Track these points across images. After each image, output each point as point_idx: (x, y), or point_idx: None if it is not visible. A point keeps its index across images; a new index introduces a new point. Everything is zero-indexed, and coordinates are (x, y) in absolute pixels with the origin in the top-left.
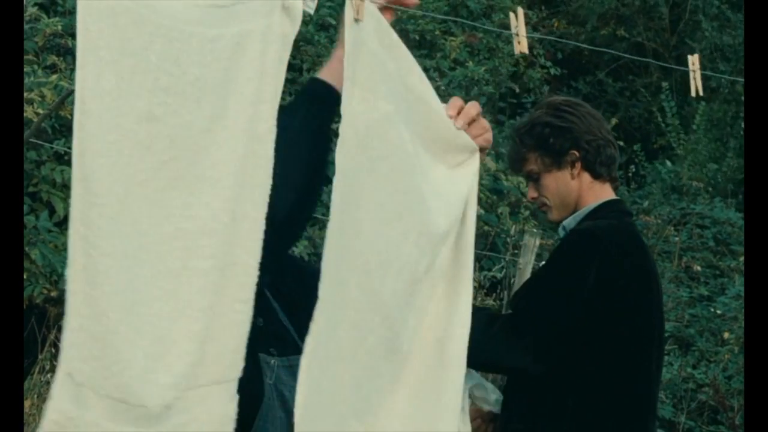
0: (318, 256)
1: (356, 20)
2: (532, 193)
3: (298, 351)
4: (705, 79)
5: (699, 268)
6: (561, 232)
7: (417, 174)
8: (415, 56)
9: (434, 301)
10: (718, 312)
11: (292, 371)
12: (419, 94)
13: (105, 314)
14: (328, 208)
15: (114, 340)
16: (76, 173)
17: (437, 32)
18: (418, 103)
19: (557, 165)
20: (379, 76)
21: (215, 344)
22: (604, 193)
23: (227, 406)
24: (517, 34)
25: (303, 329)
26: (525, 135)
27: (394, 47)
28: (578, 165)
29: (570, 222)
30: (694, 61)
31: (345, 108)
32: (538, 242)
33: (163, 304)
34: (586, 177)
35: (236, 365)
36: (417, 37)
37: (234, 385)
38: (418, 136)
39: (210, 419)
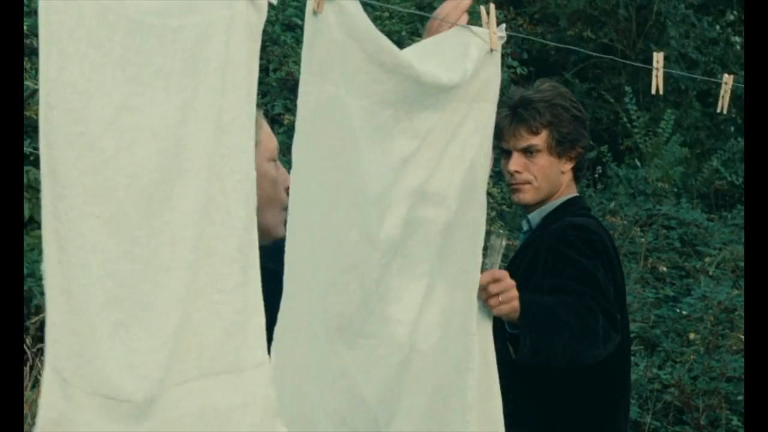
0: None
1: (315, 12)
2: (516, 166)
3: None
4: (672, 82)
5: (665, 268)
6: (524, 226)
7: (359, 148)
8: None
9: (403, 283)
10: (684, 313)
11: None
12: (395, 68)
13: (82, 308)
14: None
15: (94, 334)
16: (44, 167)
17: (404, 33)
18: (393, 76)
19: (559, 153)
20: (332, 62)
21: (198, 337)
22: (571, 190)
23: (223, 398)
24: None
25: None
26: (544, 109)
27: (362, 32)
28: (574, 162)
29: (534, 216)
30: (658, 59)
31: (299, 97)
32: (504, 243)
33: (153, 298)
34: (570, 174)
35: (225, 357)
36: None
37: (231, 378)
38: (388, 104)
39: (202, 413)
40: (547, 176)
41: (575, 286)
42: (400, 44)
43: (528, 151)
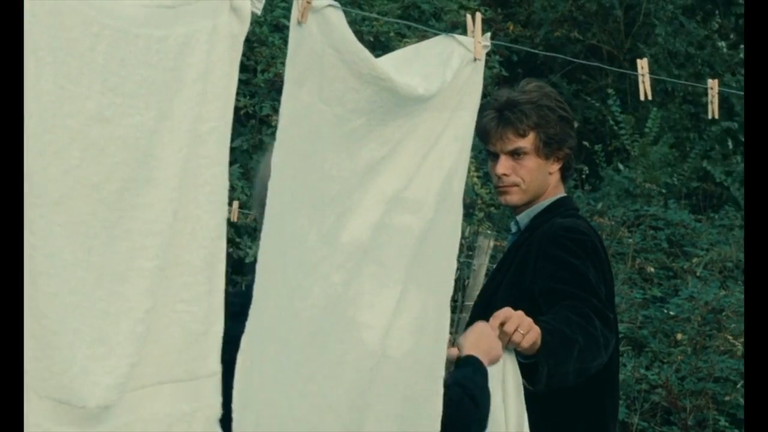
0: None
1: (299, 22)
2: (504, 170)
3: None
4: (659, 82)
5: (652, 269)
6: (513, 227)
7: (325, 152)
8: None
9: (366, 284)
10: (671, 313)
11: None
12: (373, 80)
13: (45, 315)
14: None
15: (53, 341)
16: (25, 173)
17: (391, 34)
18: (369, 86)
19: (546, 154)
20: (310, 72)
21: (158, 344)
22: (558, 190)
23: (176, 407)
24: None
25: None
26: (530, 111)
27: (343, 43)
28: (561, 162)
29: (523, 218)
30: (642, 65)
31: (281, 108)
32: (492, 243)
33: (106, 305)
34: (557, 175)
35: (186, 366)
36: (371, 39)
37: (188, 387)
38: (363, 113)
39: (155, 419)
40: (534, 178)
41: (567, 288)
42: (388, 45)
43: (515, 154)
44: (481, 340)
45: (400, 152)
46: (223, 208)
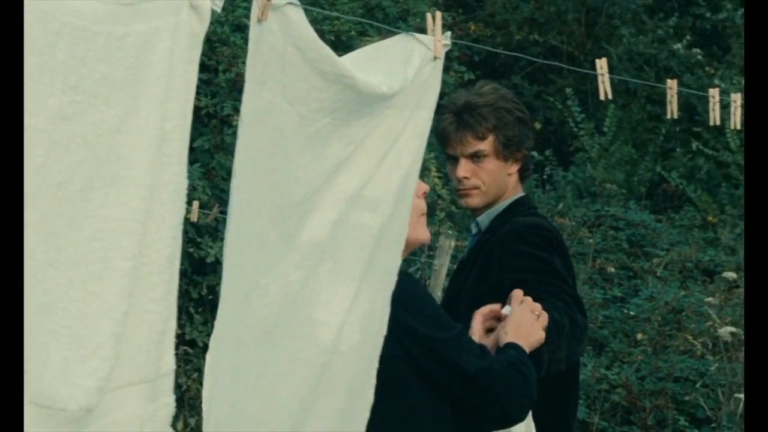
0: None
1: (260, 20)
2: (464, 173)
3: None
4: (622, 83)
5: (613, 269)
6: (473, 228)
7: (290, 153)
8: None
9: (332, 288)
10: (632, 313)
11: None
12: (336, 78)
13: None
14: None
15: (29, 343)
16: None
17: (353, 33)
18: (333, 85)
19: (505, 156)
20: (271, 70)
21: (129, 345)
22: (517, 191)
23: (145, 407)
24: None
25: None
26: (488, 113)
27: (304, 41)
28: (520, 163)
29: (483, 219)
30: (602, 65)
31: (242, 106)
32: (453, 244)
33: (84, 306)
34: (516, 176)
35: (152, 366)
36: (333, 38)
37: (153, 386)
38: (327, 112)
39: (129, 420)
40: (494, 180)
41: (539, 277)
42: (349, 44)
43: (475, 157)
44: (521, 327)
45: (362, 151)
46: (183, 207)
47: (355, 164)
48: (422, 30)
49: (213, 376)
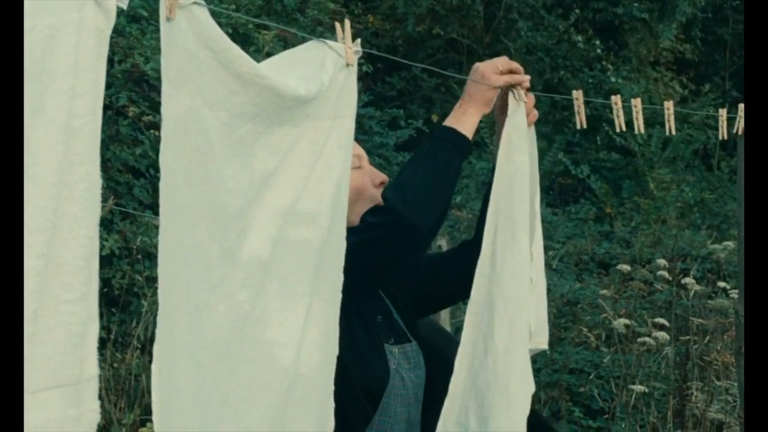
0: (128, 250)
1: (168, 19)
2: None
3: (407, 339)
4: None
5: None
6: None
7: (218, 162)
8: None
9: (270, 302)
10: None
11: (406, 356)
12: (252, 79)
13: None
14: (140, 202)
15: None
16: None
17: (250, 26)
18: (250, 87)
19: None
20: (187, 72)
21: (44, 348)
22: None
23: (64, 412)
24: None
25: (407, 321)
26: None
27: (215, 41)
28: None
29: None
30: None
31: (161, 108)
32: None
33: None
34: None
35: (71, 369)
36: (230, 31)
37: (74, 391)
38: (248, 117)
39: (46, 426)
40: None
41: None
42: (247, 37)
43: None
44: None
45: (290, 164)
46: (98, 206)
47: (285, 177)
48: (320, 22)
49: (165, 391)
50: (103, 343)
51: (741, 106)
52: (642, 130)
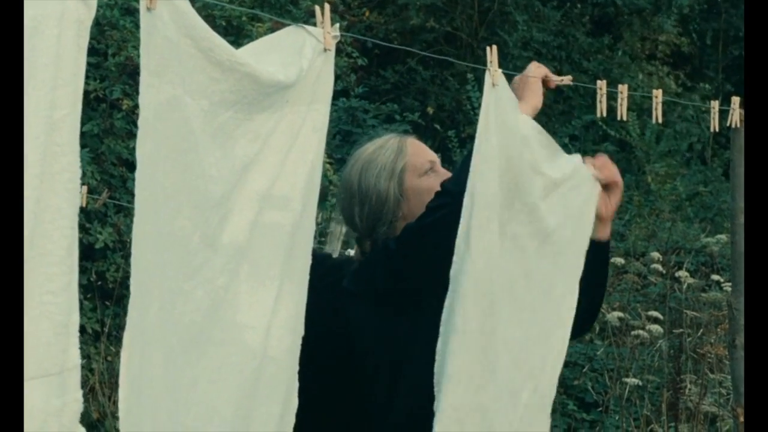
0: (122, 243)
1: (149, 9)
2: None
3: None
4: (518, 70)
5: None
6: None
7: (200, 150)
8: None
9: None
10: None
11: None
12: (232, 66)
13: None
14: (134, 195)
15: None
16: None
17: (244, 18)
18: (231, 74)
19: None
20: (168, 61)
21: (28, 338)
22: None
23: (48, 402)
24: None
25: None
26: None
27: (195, 30)
28: None
29: None
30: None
31: (140, 97)
32: (344, 230)
33: None
34: None
35: (55, 359)
36: (224, 23)
37: (57, 380)
38: (228, 105)
39: (30, 415)
40: None
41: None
42: (241, 29)
43: None
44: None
45: (268, 149)
46: (78, 197)
47: (263, 162)
48: (314, 14)
49: (135, 379)
50: (97, 336)
51: (734, 98)
52: (625, 117)
